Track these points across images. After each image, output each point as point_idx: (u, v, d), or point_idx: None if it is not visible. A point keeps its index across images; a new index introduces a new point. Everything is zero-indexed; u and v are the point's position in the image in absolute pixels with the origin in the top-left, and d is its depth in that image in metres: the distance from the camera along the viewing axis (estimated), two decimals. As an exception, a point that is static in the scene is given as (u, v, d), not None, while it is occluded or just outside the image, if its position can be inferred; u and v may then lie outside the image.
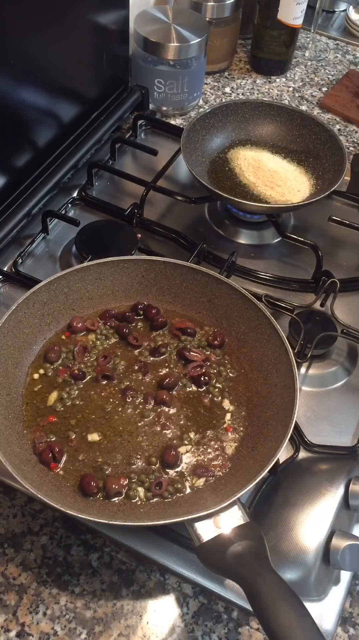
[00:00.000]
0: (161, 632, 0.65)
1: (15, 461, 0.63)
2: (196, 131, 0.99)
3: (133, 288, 0.80)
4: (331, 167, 0.97)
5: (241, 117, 1.03)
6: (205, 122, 1.00)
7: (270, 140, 1.04)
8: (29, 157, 0.95)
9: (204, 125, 1.01)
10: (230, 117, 1.03)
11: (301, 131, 1.02)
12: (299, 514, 0.67)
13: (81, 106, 1.05)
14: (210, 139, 1.02)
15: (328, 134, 0.98)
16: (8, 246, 0.92)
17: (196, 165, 0.98)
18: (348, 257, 0.96)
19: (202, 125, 1.00)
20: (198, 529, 0.59)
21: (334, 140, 0.98)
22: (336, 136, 0.97)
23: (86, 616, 0.66)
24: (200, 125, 1.00)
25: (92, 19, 0.99)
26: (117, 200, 0.99)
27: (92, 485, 0.65)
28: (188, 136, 0.97)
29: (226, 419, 0.72)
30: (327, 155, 0.99)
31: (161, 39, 1.08)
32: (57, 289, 0.76)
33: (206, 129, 1.01)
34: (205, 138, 1.02)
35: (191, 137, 0.98)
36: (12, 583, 0.67)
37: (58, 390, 0.72)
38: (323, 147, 0.99)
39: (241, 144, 1.04)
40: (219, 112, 1.02)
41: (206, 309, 0.79)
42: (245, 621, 0.66)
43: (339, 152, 0.96)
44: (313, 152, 1.01)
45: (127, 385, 0.73)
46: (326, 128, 0.99)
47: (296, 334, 0.81)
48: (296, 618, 0.52)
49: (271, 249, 0.97)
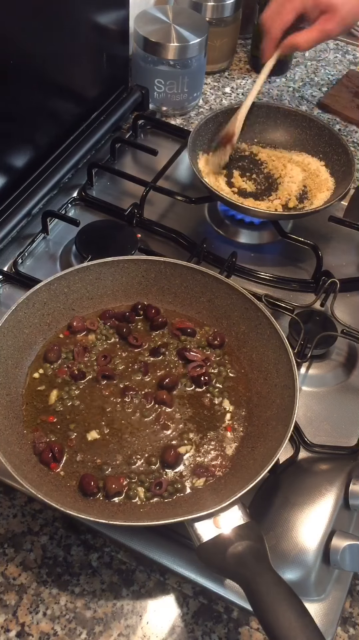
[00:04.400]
0: (161, 632, 0.65)
1: (15, 461, 0.63)
2: (202, 134, 0.99)
3: (133, 288, 0.80)
4: (341, 180, 0.97)
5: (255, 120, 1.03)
6: (208, 125, 1.00)
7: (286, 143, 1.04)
8: (29, 157, 0.96)
9: (208, 128, 1.00)
10: (259, 118, 1.02)
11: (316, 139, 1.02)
12: (299, 514, 0.67)
13: (81, 106, 1.05)
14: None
15: (344, 151, 0.97)
16: (8, 246, 0.92)
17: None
18: (348, 257, 0.96)
19: (207, 127, 1.00)
20: (198, 529, 0.59)
21: (347, 157, 0.96)
22: (351, 154, 0.96)
23: (86, 616, 0.66)
24: (206, 128, 0.99)
25: (92, 19, 0.99)
26: (117, 200, 0.99)
27: (92, 485, 0.65)
28: (194, 140, 0.96)
29: (226, 419, 0.72)
30: (334, 161, 0.99)
31: (161, 39, 1.08)
32: (57, 289, 0.76)
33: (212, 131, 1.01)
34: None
35: (198, 140, 0.98)
36: (12, 583, 0.67)
37: (58, 390, 0.72)
38: (338, 158, 0.99)
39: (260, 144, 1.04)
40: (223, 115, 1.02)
41: (206, 309, 0.79)
42: (245, 621, 0.67)
43: (349, 165, 0.95)
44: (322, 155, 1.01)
45: (127, 385, 0.73)
46: (342, 142, 0.98)
47: (296, 334, 0.81)
48: (296, 618, 0.52)
49: (271, 249, 0.97)
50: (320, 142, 1.01)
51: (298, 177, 0.99)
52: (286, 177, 0.99)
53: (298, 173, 1.00)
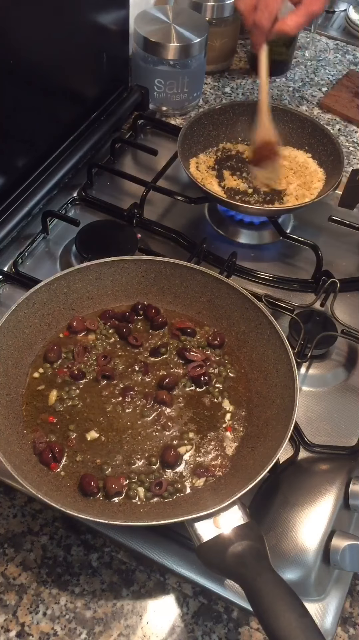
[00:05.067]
0: (161, 632, 0.65)
1: (15, 461, 0.63)
2: (192, 133, 0.99)
3: (133, 288, 0.80)
4: (331, 169, 0.97)
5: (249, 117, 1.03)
6: (202, 122, 1.00)
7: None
8: (29, 157, 0.96)
9: (202, 125, 1.00)
10: (242, 117, 1.02)
11: (305, 135, 1.02)
12: (299, 514, 0.67)
13: (81, 106, 1.05)
14: (211, 138, 1.02)
15: (329, 140, 0.98)
16: (8, 246, 0.92)
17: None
18: (348, 257, 0.96)
19: (199, 126, 1.00)
20: (198, 529, 0.59)
21: (334, 146, 0.97)
22: (337, 143, 0.96)
23: (86, 616, 0.66)
24: (197, 126, 0.99)
25: (92, 19, 0.99)
26: (117, 200, 0.99)
27: (92, 485, 0.65)
28: (183, 141, 0.97)
29: (226, 419, 0.72)
30: (325, 158, 0.99)
31: (161, 39, 1.08)
32: (57, 289, 0.76)
33: (205, 128, 1.01)
34: (204, 137, 1.01)
35: (187, 141, 0.98)
36: (12, 583, 0.67)
37: (58, 390, 0.72)
38: (324, 149, 0.99)
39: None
40: (222, 111, 1.02)
41: (206, 309, 0.79)
42: (245, 621, 0.66)
43: (337, 154, 0.96)
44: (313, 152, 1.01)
45: (127, 385, 0.73)
46: (326, 132, 0.98)
47: (296, 334, 0.81)
48: (296, 618, 0.52)
49: (271, 249, 0.97)
50: (304, 134, 1.01)
51: (288, 172, 0.99)
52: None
53: (287, 169, 1.00)
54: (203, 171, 0.98)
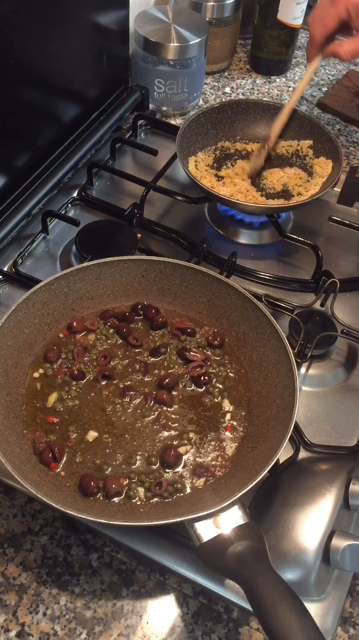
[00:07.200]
0: (161, 632, 0.65)
1: (15, 461, 0.63)
2: (191, 132, 0.99)
3: (133, 288, 0.80)
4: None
5: (251, 116, 1.03)
6: (200, 120, 1.00)
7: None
8: (29, 157, 0.96)
9: (200, 124, 1.00)
10: (240, 115, 1.03)
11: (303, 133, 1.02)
12: (299, 514, 0.67)
13: (81, 106, 1.05)
14: (209, 138, 1.02)
15: (328, 138, 0.98)
16: (8, 246, 0.92)
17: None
18: (348, 257, 0.96)
19: (198, 124, 1.00)
20: (198, 529, 0.59)
21: (332, 144, 0.97)
22: (335, 140, 0.97)
23: (86, 616, 0.66)
24: (196, 125, 0.99)
25: (92, 19, 0.99)
26: (117, 200, 0.99)
27: (92, 485, 0.65)
28: (182, 140, 0.97)
29: (226, 419, 0.72)
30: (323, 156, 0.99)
31: (161, 39, 1.08)
32: (57, 289, 0.76)
33: (203, 127, 1.01)
34: (203, 136, 1.02)
35: (186, 139, 0.98)
36: (12, 583, 0.67)
37: (58, 390, 0.72)
38: (323, 146, 0.99)
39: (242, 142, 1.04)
40: (221, 110, 1.02)
41: (206, 309, 0.79)
42: (245, 621, 0.67)
43: (336, 151, 0.96)
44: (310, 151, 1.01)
45: (127, 385, 0.73)
46: (324, 130, 0.98)
47: (296, 334, 0.81)
48: (296, 618, 0.52)
49: (271, 249, 0.97)
50: (302, 132, 1.01)
51: (288, 170, 0.99)
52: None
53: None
54: (202, 170, 0.98)
